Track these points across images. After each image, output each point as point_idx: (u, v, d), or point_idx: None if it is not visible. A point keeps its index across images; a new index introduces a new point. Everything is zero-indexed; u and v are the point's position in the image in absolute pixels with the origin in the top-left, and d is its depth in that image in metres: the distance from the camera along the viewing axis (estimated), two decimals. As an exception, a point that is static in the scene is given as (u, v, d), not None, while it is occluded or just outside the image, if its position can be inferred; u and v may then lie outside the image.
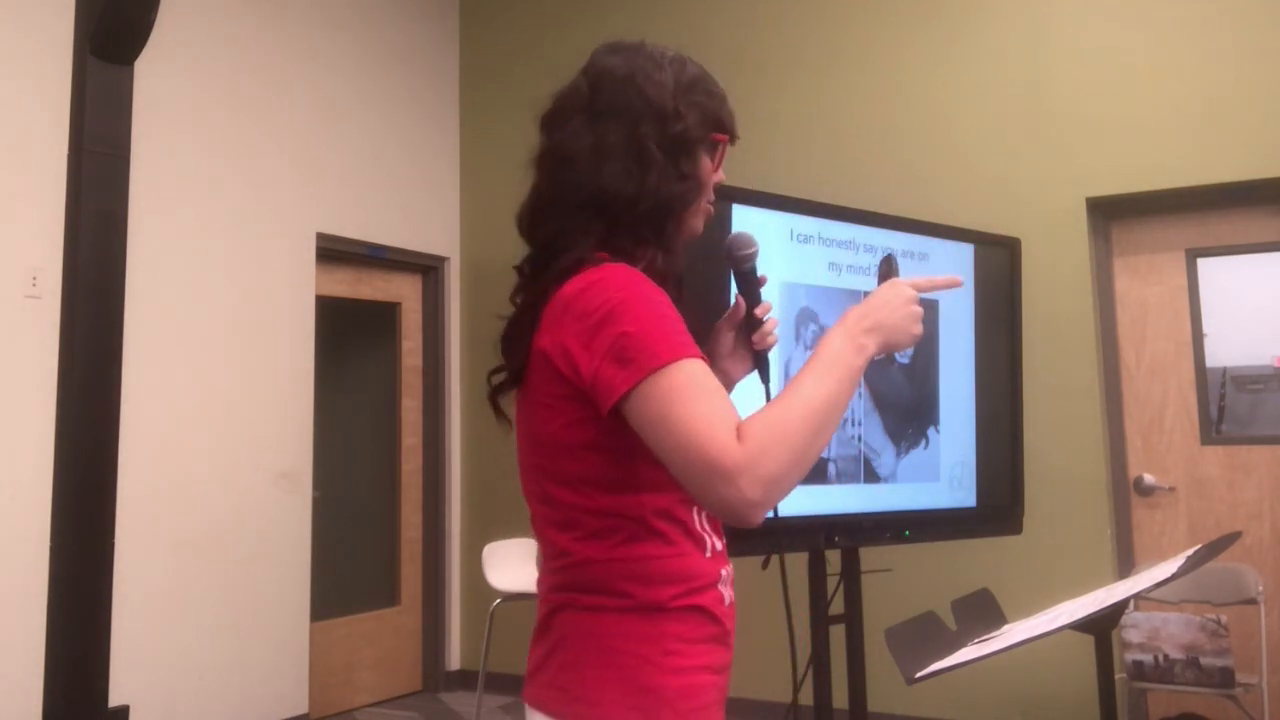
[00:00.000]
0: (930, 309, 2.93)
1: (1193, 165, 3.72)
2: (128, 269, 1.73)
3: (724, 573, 1.23)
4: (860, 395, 2.76)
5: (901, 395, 2.87)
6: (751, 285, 1.35)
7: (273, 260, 4.26)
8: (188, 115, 4.00)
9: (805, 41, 4.46)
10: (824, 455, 2.67)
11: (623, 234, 1.20)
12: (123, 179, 1.70)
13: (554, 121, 1.25)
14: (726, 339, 1.38)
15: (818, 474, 2.67)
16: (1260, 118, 3.62)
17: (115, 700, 1.67)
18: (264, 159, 4.29)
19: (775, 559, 1.54)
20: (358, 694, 4.63)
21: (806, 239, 2.70)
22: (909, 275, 2.93)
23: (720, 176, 1.31)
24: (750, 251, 1.34)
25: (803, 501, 2.65)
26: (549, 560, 1.21)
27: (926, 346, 2.93)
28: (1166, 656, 3.20)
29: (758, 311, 1.35)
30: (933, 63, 4.20)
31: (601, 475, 1.15)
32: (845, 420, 2.75)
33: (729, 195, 2.61)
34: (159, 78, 3.64)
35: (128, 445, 1.90)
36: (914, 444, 2.90)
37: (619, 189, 1.18)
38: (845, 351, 1.14)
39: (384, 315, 5.02)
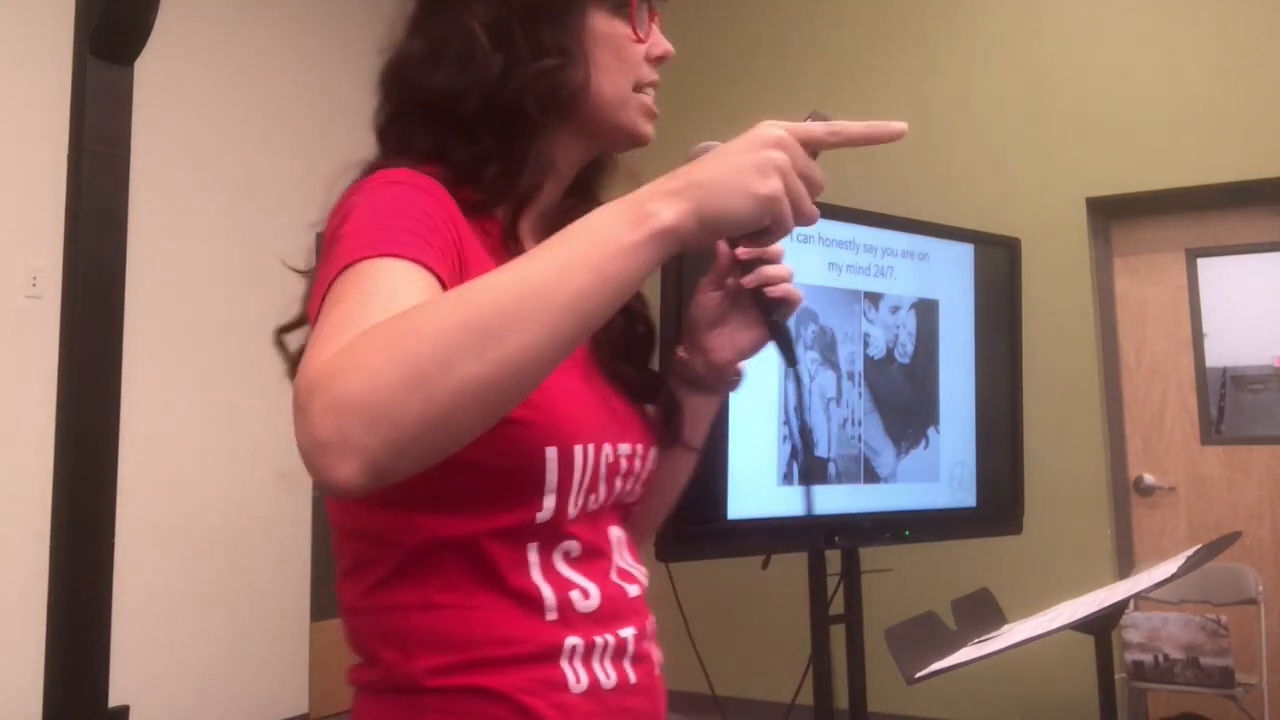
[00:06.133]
0: (930, 309, 2.93)
1: (1193, 165, 3.71)
2: (128, 269, 1.73)
3: (576, 641, 0.82)
4: (860, 395, 2.76)
5: (901, 395, 2.87)
6: None
7: (273, 260, 4.26)
8: (188, 115, 4.00)
9: (805, 42, 4.45)
10: (824, 455, 2.67)
11: (452, 145, 0.88)
12: (123, 179, 1.70)
13: (392, 34, 0.95)
14: (709, 302, 0.94)
15: (818, 474, 2.67)
16: (1260, 118, 3.62)
17: (115, 700, 1.67)
18: (264, 159, 4.29)
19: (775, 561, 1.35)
20: (358, 694, 4.63)
21: (806, 239, 2.70)
22: (909, 276, 2.95)
23: (663, 48, 0.94)
24: None
25: (803, 501, 2.65)
26: None
27: (926, 346, 2.92)
28: (1166, 656, 3.20)
29: (739, 251, 0.89)
30: (933, 63, 4.20)
31: None
32: (845, 420, 2.74)
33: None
34: (159, 78, 3.64)
35: (128, 445, 1.90)
36: (914, 444, 2.89)
37: (441, 87, 0.88)
38: (607, 221, 0.69)
39: (384, 315, 5.01)
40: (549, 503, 0.81)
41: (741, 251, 0.89)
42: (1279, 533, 3.65)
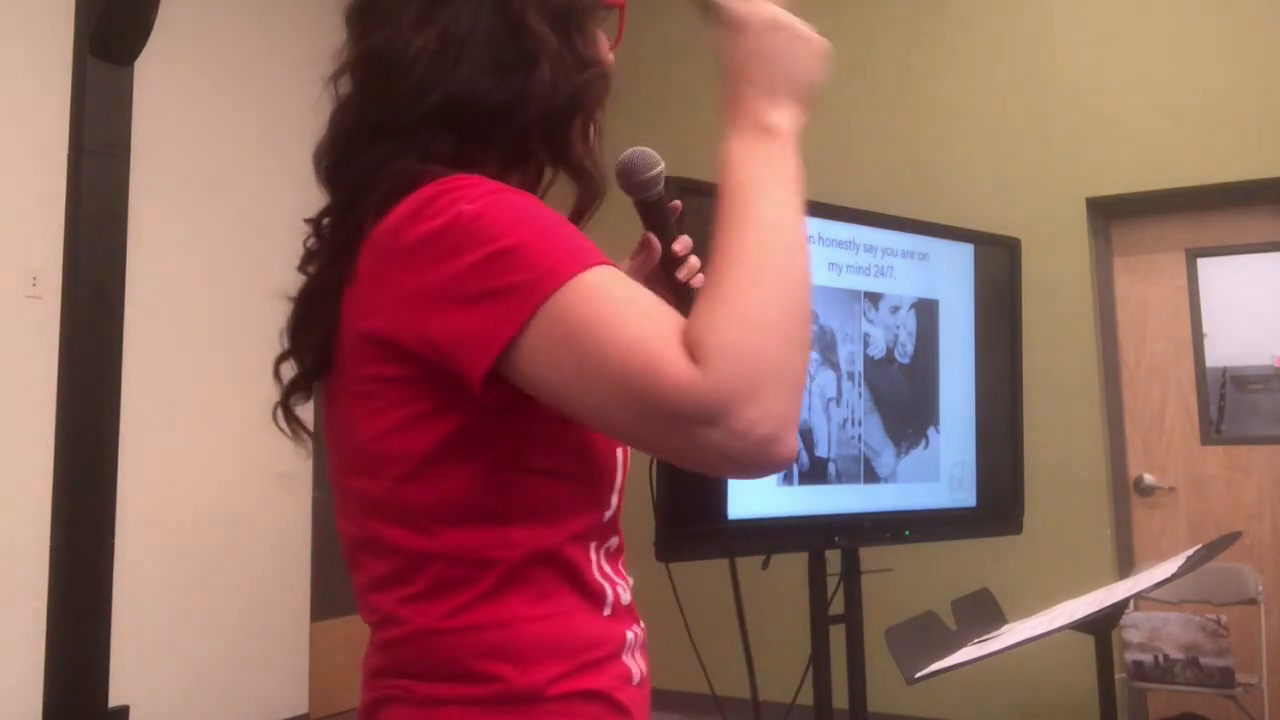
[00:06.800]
0: (930, 309, 2.93)
1: (1193, 165, 3.71)
2: (128, 269, 1.73)
3: (632, 635, 0.85)
4: (860, 395, 2.76)
5: (901, 395, 2.87)
6: (663, 216, 0.99)
7: (273, 259, 4.26)
8: (188, 115, 4.01)
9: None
10: (824, 455, 2.67)
11: (487, 152, 0.83)
12: (123, 179, 1.69)
13: (372, 13, 0.90)
14: None
15: (818, 474, 2.67)
16: (1260, 118, 3.62)
17: (115, 700, 1.67)
18: (264, 158, 4.30)
19: (746, 564, 1.32)
20: (358, 694, 4.63)
21: (806, 239, 2.70)
22: (909, 276, 2.95)
23: (608, 59, 0.92)
24: (654, 173, 0.97)
25: (803, 501, 2.65)
26: (373, 634, 0.89)
27: (926, 346, 2.92)
28: (1166, 656, 3.20)
29: (676, 248, 0.99)
30: (933, 63, 4.20)
31: (459, 500, 0.78)
32: (845, 420, 2.74)
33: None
34: (159, 78, 3.64)
35: (128, 445, 1.90)
36: (914, 444, 2.89)
37: (486, 94, 0.81)
38: (748, 157, 0.78)
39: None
40: (614, 501, 0.86)
41: (679, 246, 0.99)
42: (1279, 533, 3.65)
